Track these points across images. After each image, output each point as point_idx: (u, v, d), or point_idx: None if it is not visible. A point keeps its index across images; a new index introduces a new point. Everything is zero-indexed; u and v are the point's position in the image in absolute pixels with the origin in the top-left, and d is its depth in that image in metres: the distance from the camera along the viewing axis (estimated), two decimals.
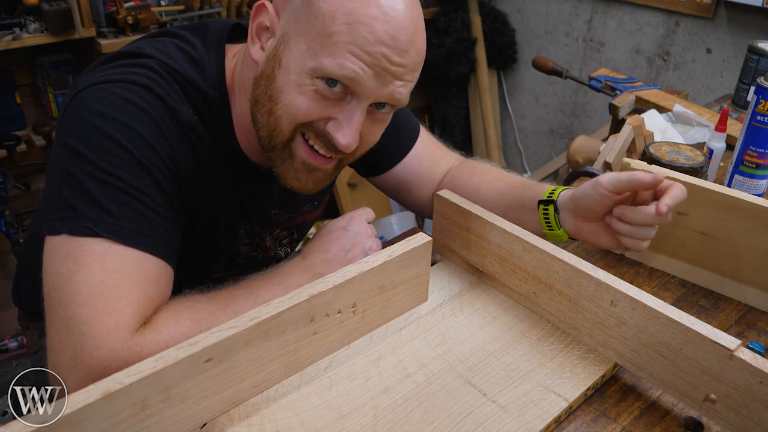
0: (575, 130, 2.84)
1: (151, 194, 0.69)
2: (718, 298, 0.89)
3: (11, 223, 2.01)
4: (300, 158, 0.75)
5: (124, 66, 0.74)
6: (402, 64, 0.69)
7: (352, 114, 0.71)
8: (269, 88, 0.72)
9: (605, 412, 0.69)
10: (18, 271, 1.02)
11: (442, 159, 1.01)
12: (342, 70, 0.67)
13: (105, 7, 1.97)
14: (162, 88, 0.72)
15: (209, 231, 0.85)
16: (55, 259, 0.65)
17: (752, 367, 0.59)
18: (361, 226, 0.82)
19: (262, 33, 0.74)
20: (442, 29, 2.86)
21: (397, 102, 0.73)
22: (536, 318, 0.79)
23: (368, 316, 0.75)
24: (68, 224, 0.65)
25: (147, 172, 0.69)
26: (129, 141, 0.68)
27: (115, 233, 0.65)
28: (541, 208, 0.84)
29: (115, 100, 0.70)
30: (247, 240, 0.92)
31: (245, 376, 0.64)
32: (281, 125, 0.73)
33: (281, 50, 0.71)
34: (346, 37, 0.66)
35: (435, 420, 0.65)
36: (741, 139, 1.07)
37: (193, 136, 0.76)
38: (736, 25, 2.18)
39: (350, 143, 0.71)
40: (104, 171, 0.67)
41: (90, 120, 0.68)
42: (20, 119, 2.03)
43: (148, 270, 0.67)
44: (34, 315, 1.02)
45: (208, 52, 0.78)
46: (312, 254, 0.80)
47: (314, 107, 0.70)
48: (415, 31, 0.70)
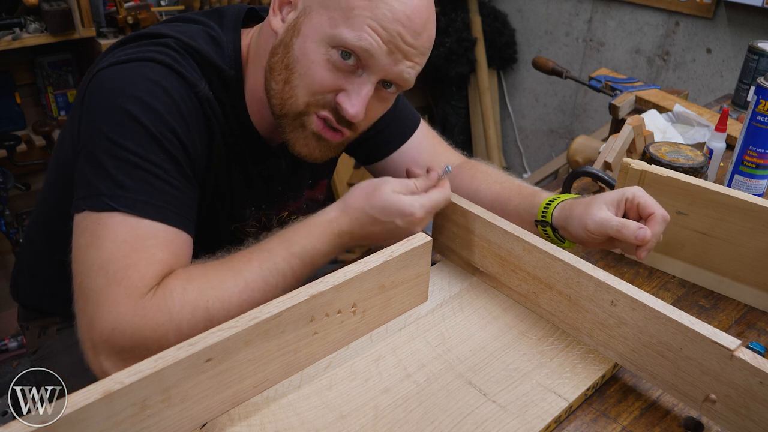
0: (575, 130, 2.84)
1: (164, 166, 0.72)
2: (718, 298, 0.89)
3: (11, 223, 2.01)
4: (311, 130, 0.78)
5: (144, 45, 0.77)
6: (414, 45, 0.74)
7: (362, 86, 0.74)
8: (286, 56, 0.76)
9: (605, 412, 0.69)
10: (17, 267, 1.02)
11: (444, 155, 1.02)
12: (359, 41, 0.71)
13: (105, 7, 1.97)
14: (181, 65, 0.75)
15: (217, 208, 0.87)
16: (77, 235, 0.70)
17: (752, 367, 0.59)
18: (419, 227, 0.78)
19: (284, 6, 0.78)
20: (442, 29, 2.86)
21: (404, 82, 0.77)
22: (536, 318, 0.79)
23: (368, 316, 0.75)
24: (89, 202, 0.69)
25: (160, 145, 0.71)
26: (144, 114, 0.71)
27: (130, 206, 0.69)
28: (539, 228, 0.85)
29: (133, 78, 0.73)
30: (254, 222, 0.93)
31: (245, 376, 0.64)
32: (297, 94, 0.76)
33: (301, 21, 0.75)
34: (367, 12, 0.71)
35: (435, 420, 0.65)
36: (741, 139, 1.07)
37: (210, 110, 0.79)
38: (736, 25, 2.18)
39: (358, 112, 0.74)
40: (120, 146, 0.70)
41: (108, 97, 0.72)
42: (20, 119, 2.03)
43: (157, 237, 0.69)
44: (33, 311, 1.02)
45: (225, 33, 0.82)
46: (350, 228, 0.77)
47: (328, 77, 0.74)
48: (429, 17, 0.75)
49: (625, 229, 0.73)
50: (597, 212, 0.76)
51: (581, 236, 0.79)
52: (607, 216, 0.75)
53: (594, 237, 0.77)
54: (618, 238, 0.74)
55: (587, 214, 0.77)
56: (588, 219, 0.76)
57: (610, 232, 0.75)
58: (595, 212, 0.76)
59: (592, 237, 0.77)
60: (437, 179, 0.81)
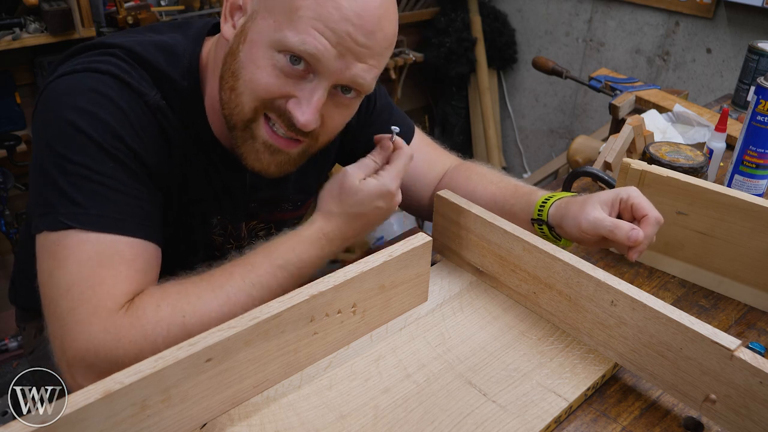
0: (575, 130, 2.84)
1: (117, 176, 0.69)
2: (718, 298, 0.89)
3: (11, 223, 2.01)
4: (261, 139, 0.74)
5: (90, 56, 0.75)
6: (367, 45, 0.69)
7: (312, 93, 0.70)
8: (233, 64, 0.72)
9: (605, 412, 0.69)
10: (15, 269, 1.02)
11: (439, 161, 1.00)
12: (304, 44, 0.66)
13: (105, 7, 1.97)
14: (127, 73, 0.73)
15: (182, 218, 0.84)
16: (40, 258, 0.68)
17: (752, 367, 0.58)
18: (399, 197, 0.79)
19: (235, 12, 0.74)
20: (442, 29, 2.86)
21: (360, 87, 0.72)
22: (536, 318, 0.79)
23: (368, 316, 0.75)
24: (45, 221, 0.68)
25: (110, 156, 0.69)
26: (91, 127, 0.69)
27: (85, 222, 0.67)
28: (536, 226, 0.85)
29: (79, 89, 0.71)
30: (221, 230, 0.91)
31: (245, 376, 0.64)
32: (242, 102, 0.72)
33: (248, 26, 0.71)
34: (311, 13, 0.66)
35: (435, 420, 0.65)
36: (741, 139, 1.07)
37: (163, 119, 0.76)
38: (736, 25, 2.18)
39: (309, 120, 0.70)
40: (69, 161, 0.68)
41: (56, 111, 0.70)
42: (20, 119, 2.03)
43: (121, 252, 0.68)
44: (30, 312, 1.02)
45: (186, 42, 0.79)
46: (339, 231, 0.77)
47: (275, 83, 0.70)
48: (384, 15, 0.69)
49: (618, 230, 0.73)
50: (591, 212, 0.76)
51: (575, 235, 0.79)
52: (601, 216, 0.75)
53: (587, 236, 0.77)
54: (610, 238, 0.74)
55: (581, 213, 0.77)
56: (582, 218, 0.76)
57: (602, 232, 0.75)
58: (589, 211, 0.76)
59: (586, 236, 0.77)
60: (391, 146, 0.80)
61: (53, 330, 0.66)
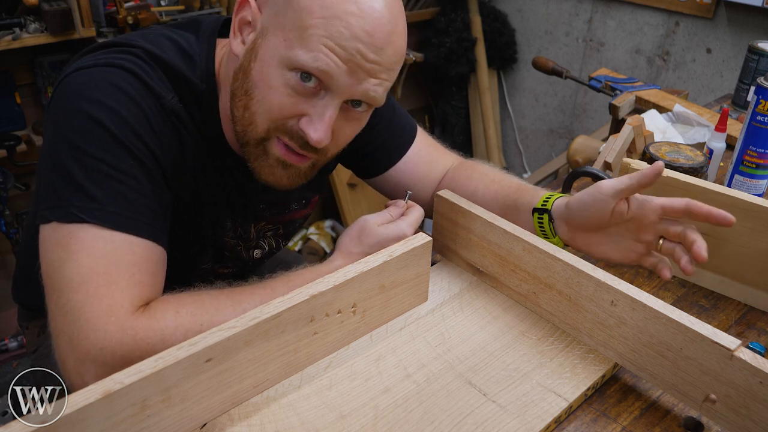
0: (575, 130, 2.84)
1: (135, 175, 0.69)
2: (718, 298, 0.89)
3: (11, 223, 2.01)
4: (275, 156, 0.75)
5: (111, 53, 0.75)
6: (377, 61, 0.69)
7: (324, 109, 0.70)
8: (245, 82, 0.72)
9: (605, 412, 0.69)
10: (17, 267, 1.02)
11: (440, 160, 1.00)
12: (315, 62, 0.67)
13: (105, 7, 1.97)
14: (147, 74, 0.73)
15: (195, 220, 0.85)
16: (47, 248, 0.67)
17: (752, 367, 0.58)
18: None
19: (244, 27, 0.74)
20: (442, 29, 2.86)
21: (372, 100, 0.73)
22: (536, 318, 0.79)
23: (368, 316, 0.75)
24: (57, 212, 0.67)
25: (130, 153, 0.69)
26: (112, 123, 0.68)
27: (101, 218, 0.66)
28: (535, 216, 0.84)
29: (100, 83, 0.70)
30: (233, 233, 0.91)
31: (245, 376, 0.64)
32: (256, 121, 0.73)
33: (259, 43, 0.71)
34: (322, 31, 0.66)
35: (435, 420, 0.65)
36: (741, 139, 1.07)
37: (178, 123, 0.76)
38: (736, 25, 2.18)
39: (321, 138, 0.71)
40: (88, 155, 0.67)
41: (75, 103, 0.69)
42: (20, 119, 2.03)
43: (134, 253, 0.68)
44: (33, 311, 1.02)
45: (200, 44, 0.79)
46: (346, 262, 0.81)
47: (288, 102, 0.70)
48: (393, 30, 0.69)
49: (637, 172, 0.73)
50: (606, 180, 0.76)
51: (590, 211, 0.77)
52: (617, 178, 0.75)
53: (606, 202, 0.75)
54: (635, 181, 0.72)
55: (597, 184, 0.76)
56: (600, 183, 0.76)
57: (625, 181, 0.73)
58: (604, 181, 0.76)
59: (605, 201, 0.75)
60: (405, 205, 0.87)
61: (60, 324, 0.64)
